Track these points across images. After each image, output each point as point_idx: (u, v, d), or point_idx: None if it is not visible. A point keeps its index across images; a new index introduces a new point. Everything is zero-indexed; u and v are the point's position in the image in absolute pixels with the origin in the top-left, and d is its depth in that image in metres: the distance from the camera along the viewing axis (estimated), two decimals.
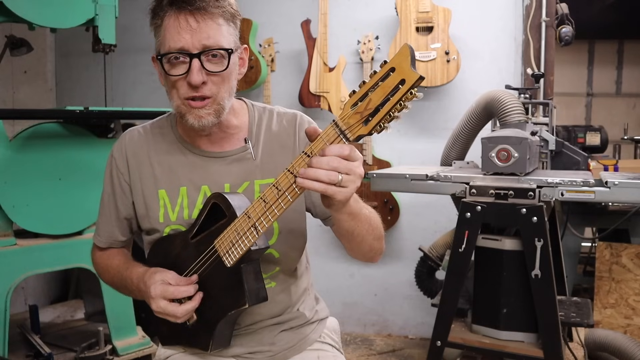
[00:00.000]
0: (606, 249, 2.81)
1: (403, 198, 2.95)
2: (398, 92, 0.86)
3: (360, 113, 0.89)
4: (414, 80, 0.85)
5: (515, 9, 2.83)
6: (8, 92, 3.18)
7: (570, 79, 6.17)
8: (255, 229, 1.01)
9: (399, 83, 0.86)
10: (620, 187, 1.78)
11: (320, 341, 1.33)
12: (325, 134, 0.93)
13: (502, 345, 1.91)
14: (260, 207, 1.00)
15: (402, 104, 0.87)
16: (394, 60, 0.87)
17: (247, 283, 1.07)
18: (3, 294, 2.12)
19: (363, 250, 1.15)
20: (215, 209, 1.10)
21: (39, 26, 2.15)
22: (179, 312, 1.08)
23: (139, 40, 3.20)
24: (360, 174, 0.94)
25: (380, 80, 0.88)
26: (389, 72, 0.87)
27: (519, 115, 2.14)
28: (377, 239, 1.15)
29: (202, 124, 1.11)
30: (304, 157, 0.95)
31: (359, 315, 3.17)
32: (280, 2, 3.12)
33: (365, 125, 0.89)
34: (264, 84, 3.07)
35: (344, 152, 0.91)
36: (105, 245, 1.30)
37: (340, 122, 0.91)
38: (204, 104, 1.10)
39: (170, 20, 1.08)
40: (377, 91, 0.88)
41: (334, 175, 0.91)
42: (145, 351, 2.43)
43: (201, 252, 1.12)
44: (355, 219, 1.05)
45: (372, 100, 0.88)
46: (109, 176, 1.27)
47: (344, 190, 0.93)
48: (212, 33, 1.07)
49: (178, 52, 1.07)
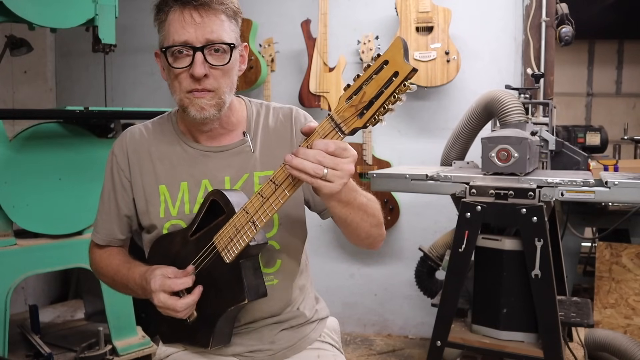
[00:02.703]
0: (606, 249, 2.81)
1: (403, 198, 2.95)
2: (392, 84, 0.87)
3: (355, 106, 0.90)
4: (407, 72, 0.86)
5: (515, 9, 2.83)
6: (8, 92, 3.18)
7: (570, 79, 6.17)
8: (253, 224, 1.02)
9: (392, 75, 0.87)
10: (620, 187, 1.78)
11: (320, 340, 1.34)
12: (321, 128, 0.94)
13: (502, 345, 1.91)
14: (258, 202, 1.01)
15: (396, 96, 0.87)
16: (387, 53, 0.88)
17: (247, 278, 1.07)
18: (3, 294, 2.12)
19: (360, 237, 1.15)
20: (214, 205, 1.10)
21: (39, 26, 2.15)
22: (178, 305, 1.08)
23: (139, 40, 3.20)
24: (349, 170, 0.94)
25: (374, 73, 0.88)
26: (383, 65, 0.88)
27: (519, 115, 2.14)
28: (375, 225, 1.15)
29: (204, 116, 1.13)
30: None
31: (359, 315, 3.17)
32: (280, 2, 3.12)
33: (360, 118, 0.90)
34: (264, 84, 3.07)
35: (329, 147, 0.92)
36: (104, 242, 1.30)
37: (335, 115, 0.92)
38: (205, 94, 1.12)
39: (175, 15, 1.11)
40: (371, 84, 0.88)
41: (319, 169, 0.92)
42: (145, 351, 2.43)
43: (200, 249, 1.12)
44: (348, 207, 1.06)
45: (367, 93, 0.89)
46: (110, 173, 1.28)
47: (329, 184, 0.94)
48: (216, 28, 1.10)
49: (182, 45, 1.09)
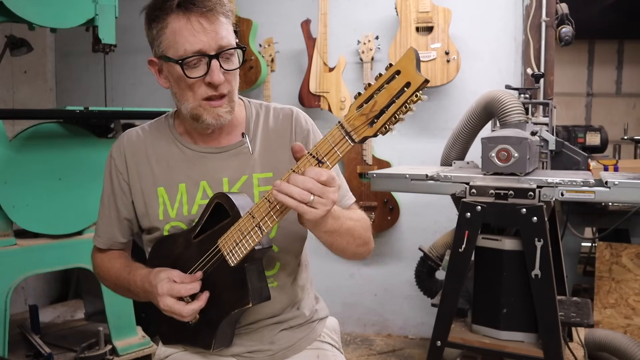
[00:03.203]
0: (606, 249, 2.81)
1: (403, 198, 2.95)
2: (404, 94, 0.88)
3: (366, 115, 0.91)
4: (420, 83, 0.87)
5: (515, 9, 2.83)
6: (8, 92, 3.18)
7: (570, 79, 6.17)
8: (259, 229, 1.02)
9: (404, 86, 0.88)
10: (620, 187, 1.78)
11: (320, 340, 1.34)
12: (331, 135, 0.94)
13: (502, 345, 1.91)
14: (264, 207, 1.01)
15: (407, 107, 0.88)
16: (399, 63, 0.88)
17: (251, 282, 1.07)
18: (3, 294, 2.12)
19: (346, 256, 1.20)
20: (218, 208, 1.10)
21: (39, 26, 2.15)
22: (185, 311, 1.08)
23: (139, 41, 3.16)
24: (333, 199, 0.96)
25: (386, 82, 0.89)
26: (395, 74, 0.88)
27: (519, 115, 2.14)
28: (361, 245, 1.18)
29: (220, 122, 1.15)
30: (309, 157, 0.96)
31: (359, 315, 3.17)
32: (280, 2, 3.12)
33: (370, 127, 0.91)
34: (264, 84, 3.07)
35: (321, 177, 0.94)
36: (105, 246, 1.30)
37: (346, 123, 0.92)
38: (222, 102, 1.13)
39: (180, 22, 1.08)
40: (382, 93, 0.89)
41: (306, 195, 0.94)
42: (145, 351, 2.44)
43: (204, 252, 1.12)
44: (333, 235, 1.09)
45: (378, 102, 0.90)
46: (109, 177, 1.27)
47: (313, 211, 0.95)
48: (224, 33, 1.10)
49: (197, 54, 1.08)
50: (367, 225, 1.20)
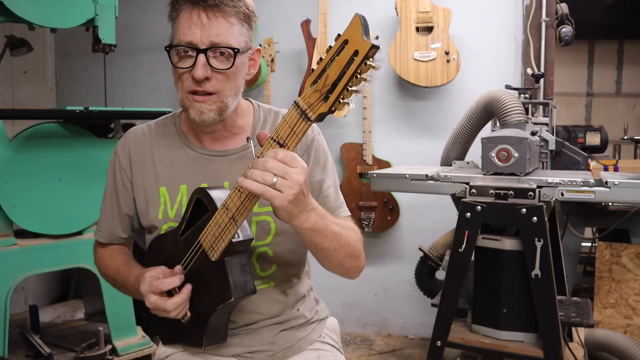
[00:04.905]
0: (606, 249, 2.81)
1: (403, 198, 2.95)
2: (352, 64, 0.84)
3: (320, 90, 0.88)
4: (367, 49, 0.83)
5: (515, 9, 2.83)
6: (8, 92, 3.18)
7: (570, 79, 6.17)
8: (234, 221, 1.00)
9: (352, 55, 0.84)
10: (620, 187, 1.78)
11: (320, 341, 1.33)
12: (289, 116, 0.92)
13: (502, 345, 1.91)
14: (236, 197, 0.99)
15: (358, 76, 0.85)
16: (346, 32, 0.85)
17: (232, 276, 1.05)
18: (3, 294, 2.12)
19: (332, 265, 1.14)
20: (199, 204, 1.10)
21: (39, 26, 2.15)
22: (167, 305, 1.07)
23: (139, 41, 3.19)
24: (297, 181, 0.92)
25: (336, 54, 0.86)
26: (343, 44, 0.85)
27: (519, 115, 2.14)
28: (350, 256, 1.13)
29: (203, 119, 1.13)
30: (271, 142, 0.94)
31: (359, 315, 3.17)
32: (280, 2, 3.12)
33: (324, 102, 0.88)
34: (264, 84, 3.07)
35: (278, 155, 0.91)
36: (106, 240, 1.31)
37: (301, 102, 0.90)
38: (206, 99, 1.11)
39: (184, 14, 1.10)
40: (332, 66, 0.86)
41: (268, 176, 0.91)
42: (145, 351, 2.43)
43: (189, 248, 1.11)
44: (319, 235, 1.04)
45: (329, 75, 0.87)
46: (112, 173, 1.28)
47: (280, 195, 0.92)
48: (222, 31, 1.09)
49: (186, 45, 1.09)
50: (357, 236, 1.17)
